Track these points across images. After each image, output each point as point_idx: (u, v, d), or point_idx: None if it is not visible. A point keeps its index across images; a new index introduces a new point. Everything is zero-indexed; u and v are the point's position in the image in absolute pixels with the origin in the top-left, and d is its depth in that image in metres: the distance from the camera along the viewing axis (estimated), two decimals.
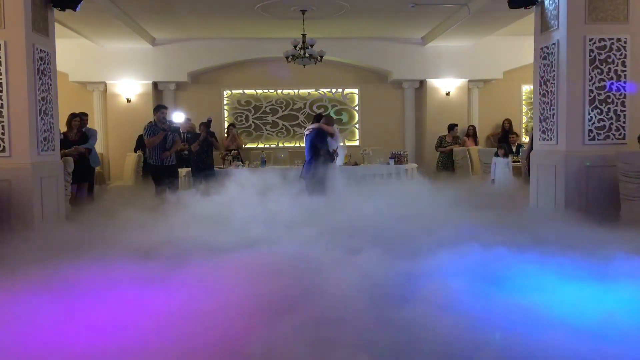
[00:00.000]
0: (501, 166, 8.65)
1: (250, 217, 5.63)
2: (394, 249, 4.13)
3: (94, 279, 3.43)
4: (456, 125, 11.23)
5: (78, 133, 7.85)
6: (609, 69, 5.80)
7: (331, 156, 7.34)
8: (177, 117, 9.26)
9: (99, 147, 11.32)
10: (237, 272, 3.54)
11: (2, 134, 5.42)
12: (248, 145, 12.08)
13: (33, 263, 3.83)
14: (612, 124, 5.85)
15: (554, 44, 6.02)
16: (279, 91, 12.25)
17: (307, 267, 3.67)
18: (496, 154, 8.84)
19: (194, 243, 4.50)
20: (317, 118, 7.86)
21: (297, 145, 12.04)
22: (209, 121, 9.26)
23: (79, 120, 7.88)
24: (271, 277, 3.43)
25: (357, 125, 12.44)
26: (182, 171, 9.11)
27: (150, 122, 7.88)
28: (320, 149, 7.31)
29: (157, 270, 3.67)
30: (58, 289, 3.27)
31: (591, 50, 5.78)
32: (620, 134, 5.86)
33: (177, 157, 8.30)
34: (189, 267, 3.69)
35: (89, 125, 8.94)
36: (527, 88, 12.24)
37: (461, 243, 4.17)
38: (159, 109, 7.89)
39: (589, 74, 5.80)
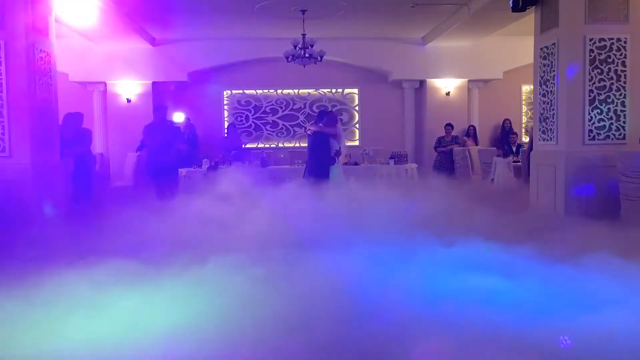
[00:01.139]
0: (501, 166, 8.68)
1: (252, 218, 5.55)
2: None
3: (91, 281, 3.42)
4: (450, 125, 11.21)
5: (75, 133, 7.85)
6: (609, 69, 5.81)
7: (333, 159, 7.25)
8: (177, 117, 9.25)
9: (99, 147, 11.36)
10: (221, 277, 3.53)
11: (2, 134, 5.42)
12: (248, 146, 12.08)
13: (31, 265, 3.82)
14: (612, 124, 5.85)
15: (554, 44, 6.02)
16: (279, 91, 12.25)
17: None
18: (497, 154, 8.88)
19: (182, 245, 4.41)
20: (321, 115, 7.61)
21: (297, 145, 12.04)
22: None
23: (75, 120, 7.89)
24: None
25: (357, 125, 12.44)
26: (182, 171, 9.13)
27: (150, 123, 7.87)
28: (321, 153, 7.16)
29: (150, 273, 3.64)
30: (55, 290, 3.25)
31: (591, 50, 5.78)
32: (620, 134, 5.86)
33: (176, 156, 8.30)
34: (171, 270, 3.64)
35: (89, 126, 8.95)
36: (527, 88, 12.25)
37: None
38: (159, 109, 7.88)
39: (589, 74, 5.80)
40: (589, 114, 5.82)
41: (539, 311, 2.94)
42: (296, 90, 12.26)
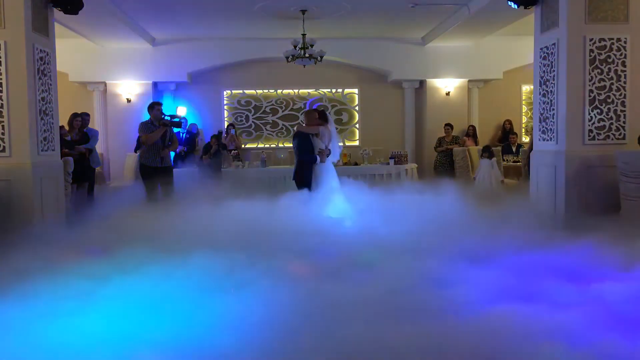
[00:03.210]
0: (485, 167, 8.81)
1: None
2: None
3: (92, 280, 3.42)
4: (449, 125, 11.20)
5: (79, 133, 7.84)
6: (609, 69, 5.80)
7: (312, 158, 6.85)
8: (181, 111, 8.73)
9: (99, 147, 11.35)
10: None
11: (2, 134, 5.42)
12: (248, 145, 12.08)
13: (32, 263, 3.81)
14: (612, 124, 5.85)
15: (554, 44, 6.02)
16: (279, 91, 12.25)
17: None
18: (481, 156, 8.97)
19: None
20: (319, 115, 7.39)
21: None
22: (220, 133, 9.31)
23: (80, 120, 7.89)
24: None
25: (357, 125, 12.44)
26: (183, 170, 9.14)
27: (146, 120, 7.27)
28: (298, 152, 6.89)
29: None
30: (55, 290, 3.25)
31: (591, 50, 5.78)
32: (620, 134, 5.86)
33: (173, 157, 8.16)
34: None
35: (89, 125, 8.94)
36: (527, 88, 12.26)
37: None
38: (154, 106, 7.23)
39: (589, 74, 5.79)
40: (589, 114, 5.82)
41: None
42: (296, 90, 12.26)
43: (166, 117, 7.00)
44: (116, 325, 2.78)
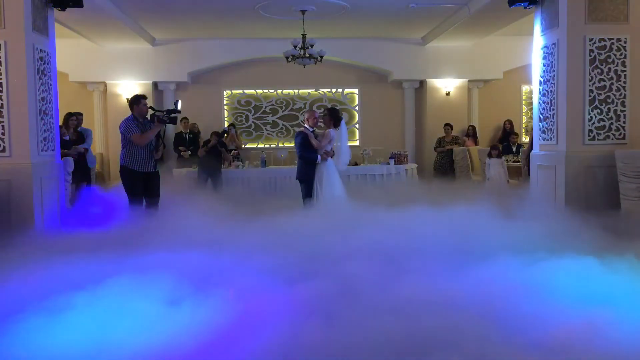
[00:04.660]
0: (495, 166, 8.77)
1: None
2: None
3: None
4: (449, 125, 11.19)
5: (75, 133, 7.83)
6: (609, 69, 5.80)
7: (309, 159, 6.76)
8: (180, 105, 8.06)
9: (99, 147, 11.37)
10: None
11: (2, 134, 5.41)
12: (248, 145, 12.08)
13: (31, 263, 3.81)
14: (612, 124, 5.85)
15: (554, 44, 6.02)
16: (279, 91, 12.25)
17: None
18: (489, 155, 8.94)
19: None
20: (331, 113, 7.00)
21: None
22: (224, 132, 9.27)
23: (75, 119, 7.88)
24: None
25: (357, 125, 12.44)
26: (183, 171, 9.13)
27: (128, 117, 5.97)
28: (299, 149, 6.80)
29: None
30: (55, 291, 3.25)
31: (591, 50, 5.78)
32: (620, 134, 5.86)
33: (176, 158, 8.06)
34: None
35: (89, 126, 8.94)
36: (527, 88, 12.26)
37: None
38: (140, 99, 5.99)
39: (589, 74, 5.80)
40: (589, 114, 5.82)
41: None
42: (296, 90, 12.26)
43: (159, 113, 5.88)
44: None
